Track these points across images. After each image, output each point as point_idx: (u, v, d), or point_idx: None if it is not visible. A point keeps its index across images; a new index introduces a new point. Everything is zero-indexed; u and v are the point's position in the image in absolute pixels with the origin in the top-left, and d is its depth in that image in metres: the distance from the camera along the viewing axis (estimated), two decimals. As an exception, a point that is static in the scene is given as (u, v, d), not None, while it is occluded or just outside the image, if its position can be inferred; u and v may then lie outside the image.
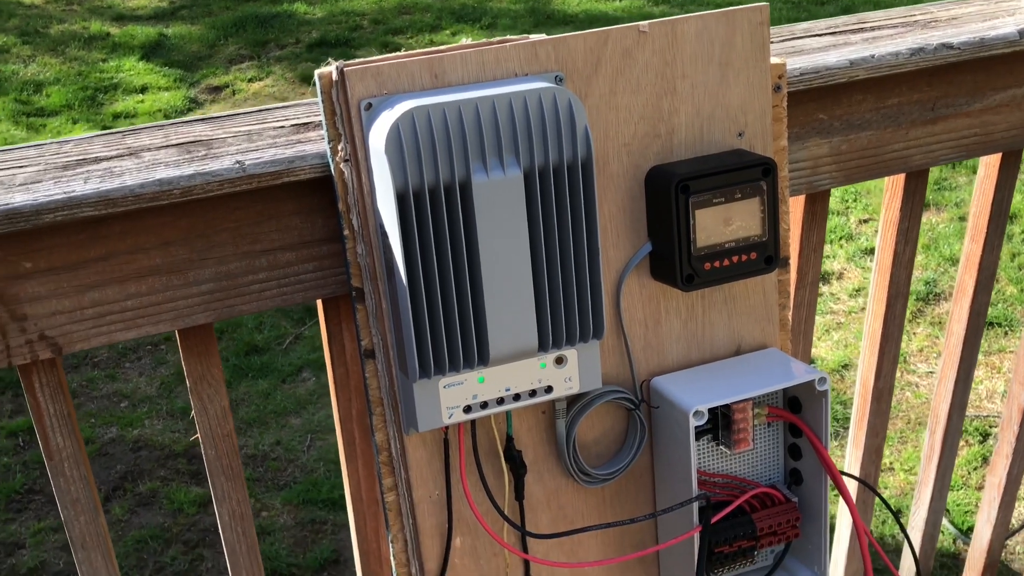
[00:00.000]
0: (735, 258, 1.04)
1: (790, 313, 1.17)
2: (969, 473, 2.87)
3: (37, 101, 5.19)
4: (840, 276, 3.73)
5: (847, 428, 2.96)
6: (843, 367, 3.30)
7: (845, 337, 3.43)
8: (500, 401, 1.00)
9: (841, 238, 3.90)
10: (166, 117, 5.00)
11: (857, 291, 3.65)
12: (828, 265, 3.76)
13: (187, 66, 5.50)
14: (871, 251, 3.82)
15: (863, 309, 3.56)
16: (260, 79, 5.36)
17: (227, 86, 5.31)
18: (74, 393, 3.28)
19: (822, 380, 1.07)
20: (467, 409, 0.99)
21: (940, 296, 3.59)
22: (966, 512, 2.75)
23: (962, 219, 3.95)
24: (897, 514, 1.50)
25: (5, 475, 2.96)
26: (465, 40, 0.97)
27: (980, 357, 3.25)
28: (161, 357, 3.45)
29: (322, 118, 0.94)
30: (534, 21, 5.88)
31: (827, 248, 3.83)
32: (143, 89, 5.27)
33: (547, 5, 6.11)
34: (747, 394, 1.06)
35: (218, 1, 6.35)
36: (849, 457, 1.53)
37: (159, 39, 5.82)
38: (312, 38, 5.74)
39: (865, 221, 3.98)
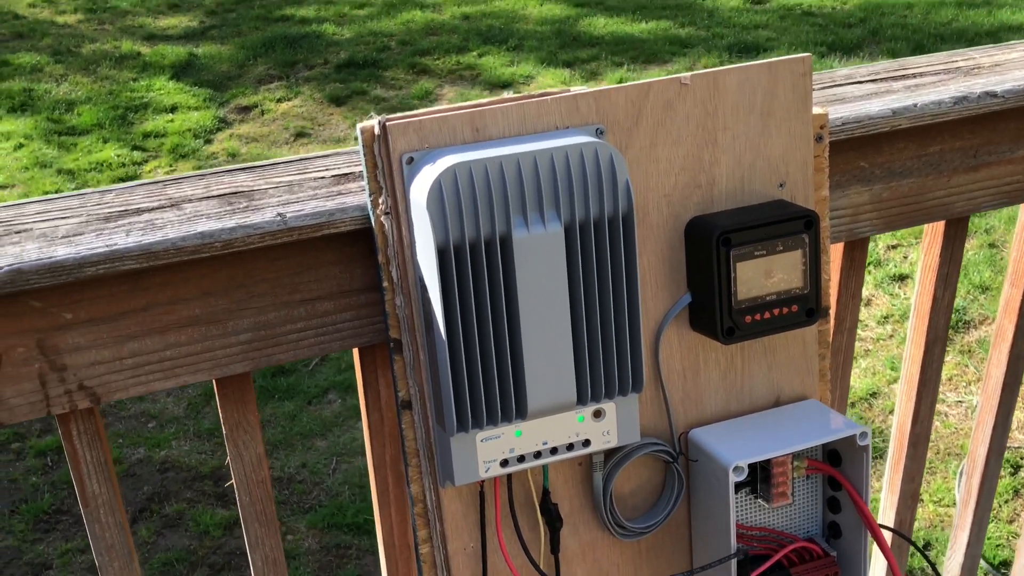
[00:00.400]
0: (776, 311, 1.03)
1: (828, 363, 1.16)
2: (1000, 506, 2.83)
3: (69, 120, 5.24)
4: (868, 303, 3.70)
5: (876, 458, 2.93)
6: (871, 395, 3.27)
7: (873, 365, 3.40)
8: (537, 455, 0.99)
9: (869, 264, 3.87)
10: (195, 137, 5.04)
11: (885, 318, 3.62)
12: (857, 292, 3.72)
13: (217, 86, 5.55)
14: (900, 277, 3.79)
15: (891, 336, 3.53)
16: (289, 99, 5.39)
17: (256, 106, 5.35)
18: (102, 413, 3.30)
19: (863, 435, 1.05)
20: (504, 463, 0.98)
21: (970, 324, 3.55)
22: (997, 546, 2.71)
23: (992, 246, 3.91)
24: (931, 559, 1.48)
25: (33, 495, 2.97)
26: (506, 93, 0.97)
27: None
28: (188, 378, 3.46)
29: (363, 171, 0.94)
30: (560, 43, 5.88)
31: (865, 268, 3.80)
32: (173, 108, 5.32)
33: (573, 27, 6.12)
34: (787, 449, 1.04)
35: (248, 21, 6.40)
36: (884, 502, 1.51)
37: (189, 59, 5.87)
38: (340, 59, 5.78)
39: (893, 247, 3.95)
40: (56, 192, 4.60)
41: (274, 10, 6.60)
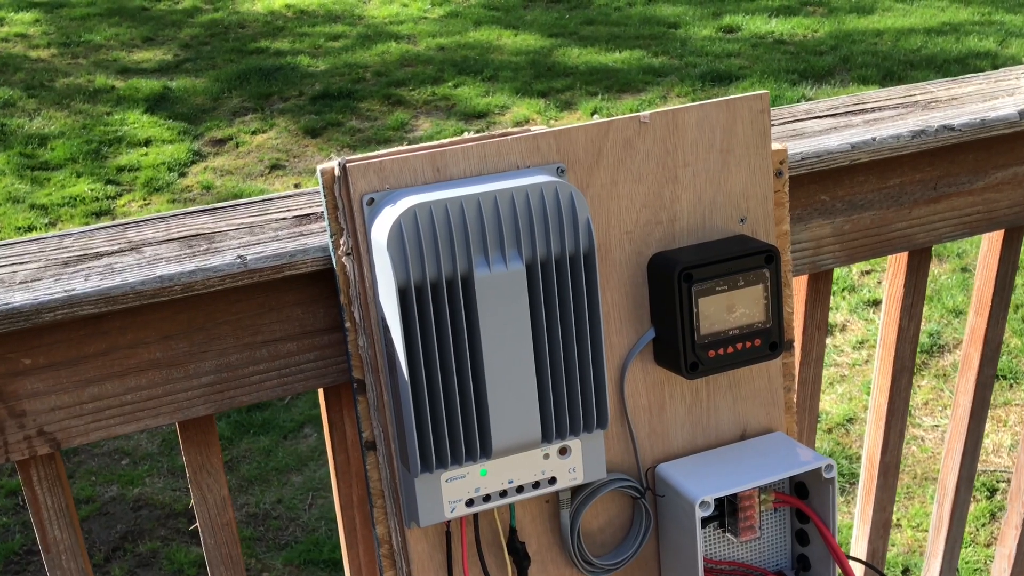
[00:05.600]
0: (739, 345, 1.04)
1: (795, 395, 1.16)
2: (977, 530, 2.84)
3: (42, 154, 5.22)
4: (843, 328, 3.72)
5: (853, 484, 2.94)
6: (848, 421, 3.28)
7: (849, 390, 3.42)
8: (503, 494, 0.99)
9: (844, 289, 3.90)
10: (170, 170, 5.02)
11: (861, 343, 3.64)
12: (831, 317, 3.75)
13: (191, 119, 5.54)
14: (874, 302, 3.82)
15: (867, 361, 3.54)
16: (263, 131, 5.39)
17: (231, 138, 5.34)
18: (75, 450, 3.26)
19: (829, 467, 1.06)
20: (470, 503, 0.98)
21: (944, 348, 3.58)
22: (975, 570, 2.71)
23: (964, 270, 3.95)
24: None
25: (4, 535, 2.93)
26: (467, 134, 0.97)
27: (986, 411, 3.23)
28: (162, 414, 3.43)
29: (324, 212, 0.94)
30: (535, 73, 5.92)
31: (830, 300, 3.83)
32: (147, 142, 5.30)
33: (548, 57, 6.17)
34: (754, 483, 1.04)
35: (222, 54, 6.41)
36: (856, 532, 1.52)
37: (163, 92, 5.86)
38: (315, 90, 5.79)
39: (867, 272, 3.98)
40: (28, 228, 4.57)
41: (249, 43, 6.61)
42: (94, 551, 2.85)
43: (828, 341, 3.63)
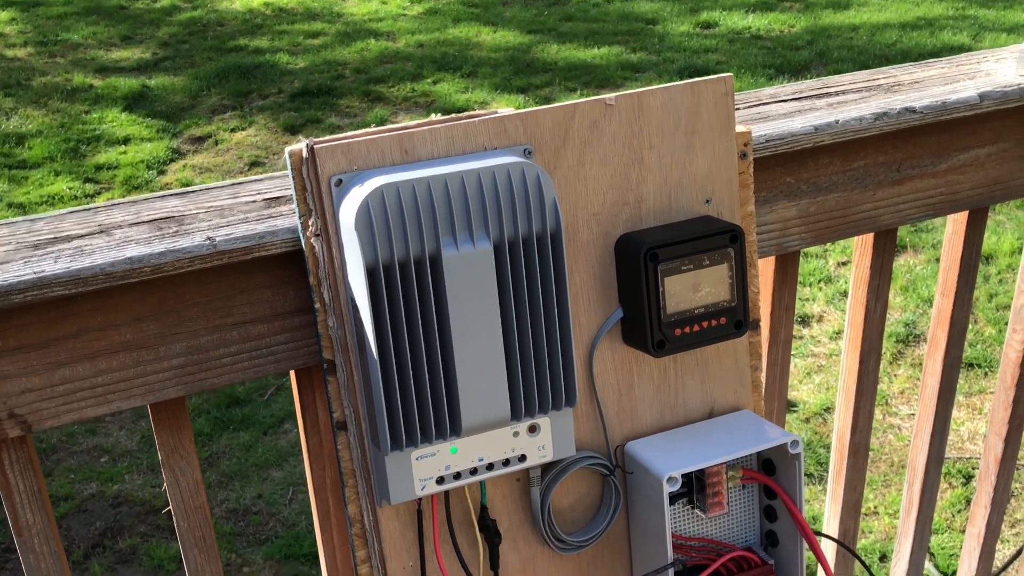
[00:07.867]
0: (705, 323, 1.05)
1: (763, 374, 1.18)
2: (953, 516, 2.87)
3: (19, 153, 5.19)
4: (820, 319, 3.75)
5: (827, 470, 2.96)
6: (825, 410, 3.31)
7: (827, 380, 3.45)
8: (473, 471, 1.00)
9: (820, 281, 3.93)
10: (148, 168, 5.01)
11: (837, 333, 3.67)
12: (808, 308, 3.79)
13: (170, 117, 5.52)
14: (851, 294, 3.84)
15: (844, 352, 3.57)
16: (243, 129, 5.38)
17: (210, 136, 5.33)
18: (53, 448, 3.25)
19: (795, 443, 1.07)
20: (440, 480, 0.99)
21: (920, 337, 3.61)
22: (951, 556, 2.74)
23: (939, 260, 3.98)
24: (868, 566, 1.50)
25: (-18, 534, 2.92)
26: (434, 116, 0.98)
27: (961, 399, 3.27)
28: (141, 410, 3.43)
29: (293, 194, 0.95)
30: (514, 69, 5.93)
31: (807, 291, 3.86)
32: (126, 140, 5.28)
33: (527, 54, 6.18)
34: (721, 458, 1.06)
35: (201, 52, 6.39)
36: (828, 512, 1.54)
37: (142, 90, 5.84)
38: (294, 88, 5.78)
39: (843, 264, 4.01)
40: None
41: (227, 41, 6.59)
42: (73, 548, 2.84)
43: (805, 332, 3.66)
